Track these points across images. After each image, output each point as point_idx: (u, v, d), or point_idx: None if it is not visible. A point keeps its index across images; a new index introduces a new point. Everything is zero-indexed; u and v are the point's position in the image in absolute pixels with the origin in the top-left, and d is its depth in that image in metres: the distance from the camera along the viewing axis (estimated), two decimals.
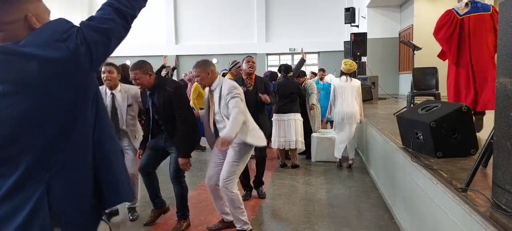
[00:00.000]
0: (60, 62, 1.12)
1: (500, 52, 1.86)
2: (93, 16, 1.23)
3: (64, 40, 1.13)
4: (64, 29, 1.15)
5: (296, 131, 5.61)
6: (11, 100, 1.09)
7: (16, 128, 1.11)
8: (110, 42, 1.21)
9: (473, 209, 1.93)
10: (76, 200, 1.21)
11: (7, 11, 1.12)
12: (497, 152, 1.90)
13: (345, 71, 5.59)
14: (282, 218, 3.87)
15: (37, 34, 1.14)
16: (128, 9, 1.25)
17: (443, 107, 3.03)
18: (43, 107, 1.13)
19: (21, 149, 1.13)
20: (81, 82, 1.18)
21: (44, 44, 1.12)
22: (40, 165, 1.15)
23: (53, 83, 1.12)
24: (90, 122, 1.22)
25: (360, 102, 5.64)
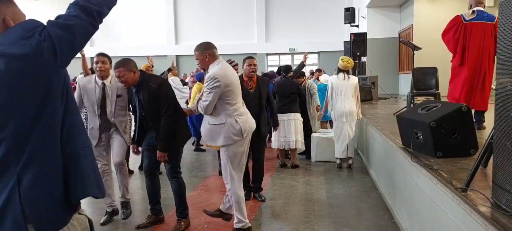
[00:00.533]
0: (24, 58, 1.17)
1: (500, 52, 1.86)
2: (60, 14, 1.28)
3: (28, 38, 1.18)
4: (30, 27, 1.21)
5: (296, 130, 5.61)
6: None
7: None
8: (75, 38, 1.25)
9: (473, 209, 1.93)
10: (45, 191, 1.23)
11: None
12: (497, 152, 1.90)
13: (342, 68, 5.57)
14: (282, 218, 3.87)
15: (7, 33, 1.20)
16: (94, 6, 1.29)
17: (443, 107, 3.03)
18: (10, 102, 1.17)
19: None
20: (46, 77, 1.22)
21: (12, 42, 1.17)
22: (11, 158, 1.19)
23: (19, 78, 1.17)
24: (57, 117, 1.25)
25: (358, 100, 5.62)
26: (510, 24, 1.75)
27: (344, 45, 11.90)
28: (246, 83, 4.23)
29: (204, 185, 5.08)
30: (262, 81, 4.36)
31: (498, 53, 1.88)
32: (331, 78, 5.82)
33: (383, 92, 10.13)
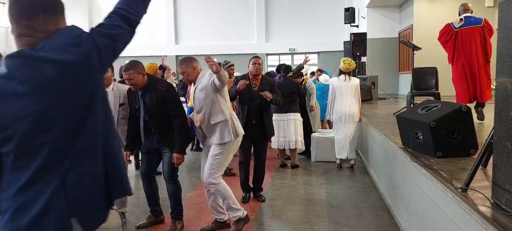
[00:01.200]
0: (74, 65, 1.24)
1: (500, 52, 1.86)
2: (102, 23, 1.35)
3: (77, 45, 1.24)
4: (77, 34, 1.27)
5: (296, 130, 5.60)
6: (29, 100, 1.20)
7: (35, 124, 1.22)
8: (117, 46, 1.34)
9: (473, 209, 1.93)
10: (88, 190, 1.31)
11: (46, 22, 1.26)
12: (497, 152, 1.90)
13: (344, 70, 5.58)
14: (282, 218, 3.87)
15: (52, 39, 1.25)
16: (133, 16, 1.38)
17: (443, 107, 3.03)
18: (58, 106, 1.23)
19: (39, 143, 1.23)
20: (92, 83, 1.29)
21: (59, 48, 1.23)
22: (56, 158, 1.25)
23: (67, 84, 1.23)
24: (99, 120, 1.32)
25: (359, 101, 5.63)
26: (510, 24, 1.76)
27: (344, 45, 11.89)
28: (251, 82, 4.24)
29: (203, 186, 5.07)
30: (266, 80, 4.36)
31: (498, 53, 1.88)
32: (332, 80, 5.83)
33: (383, 92, 10.13)
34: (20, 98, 1.21)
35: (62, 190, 1.25)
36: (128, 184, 1.46)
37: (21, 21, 1.26)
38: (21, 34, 1.27)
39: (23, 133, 1.22)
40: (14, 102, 1.20)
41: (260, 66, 4.28)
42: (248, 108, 4.18)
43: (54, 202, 1.24)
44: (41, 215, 1.23)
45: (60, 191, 1.25)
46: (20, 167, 1.24)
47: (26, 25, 1.25)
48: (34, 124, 1.22)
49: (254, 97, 4.18)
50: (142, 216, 3.86)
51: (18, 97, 1.21)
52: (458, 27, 5.11)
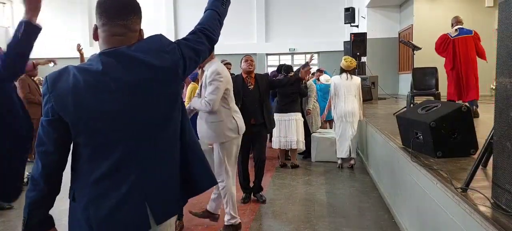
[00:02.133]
0: (165, 69, 1.35)
1: (500, 52, 1.85)
2: (188, 37, 1.50)
3: (168, 53, 1.37)
4: (167, 43, 1.40)
5: (297, 130, 5.60)
6: (119, 96, 1.29)
7: (119, 119, 1.31)
8: (199, 60, 1.49)
9: (473, 209, 1.93)
10: (166, 183, 1.41)
11: (136, 22, 1.39)
12: (497, 152, 1.89)
13: (345, 68, 5.57)
14: (282, 218, 3.87)
15: (145, 43, 1.38)
16: (212, 35, 1.54)
17: (443, 107, 3.03)
18: (144, 105, 1.33)
19: (120, 137, 1.32)
20: (176, 88, 1.43)
21: (153, 53, 1.34)
22: (134, 153, 1.34)
23: (156, 86, 1.34)
24: (178, 120, 1.44)
25: (360, 100, 5.63)
26: (510, 24, 1.75)
27: (344, 45, 11.89)
28: (245, 80, 4.23)
29: None
30: (260, 77, 4.34)
31: (498, 53, 1.88)
32: (334, 79, 5.80)
33: (383, 92, 10.13)
34: (111, 94, 1.29)
35: (141, 181, 1.34)
36: (208, 179, 1.56)
37: (116, 21, 1.34)
38: (115, 34, 1.35)
39: (108, 126, 1.30)
40: (104, 97, 1.29)
41: (252, 62, 4.25)
42: (245, 107, 4.08)
43: (133, 191, 1.33)
44: (121, 203, 1.31)
45: (140, 182, 1.34)
46: (98, 158, 1.32)
47: (121, 24, 1.35)
48: (119, 119, 1.30)
49: (250, 96, 4.15)
50: None
51: (109, 93, 1.29)
52: (454, 36, 5.94)
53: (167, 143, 1.40)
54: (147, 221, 1.35)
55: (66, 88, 1.29)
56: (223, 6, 1.66)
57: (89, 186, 1.32)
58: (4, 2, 16.81)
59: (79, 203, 1.34)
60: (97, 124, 1.30)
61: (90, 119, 1.29)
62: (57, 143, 1.33)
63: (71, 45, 10.82)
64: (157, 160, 1.38)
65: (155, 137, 1.36)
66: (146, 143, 1.35)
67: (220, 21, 1.62)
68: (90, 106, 1.28)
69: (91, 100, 1.28)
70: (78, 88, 1.28)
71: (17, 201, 4.44)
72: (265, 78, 4.38)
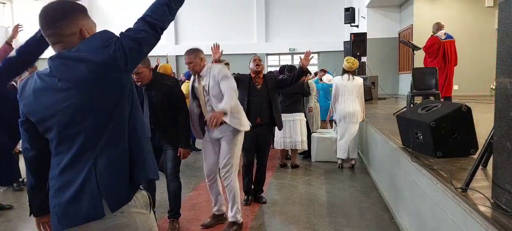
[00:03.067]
0: (104, 64, 1.41)
1: (500, 52, 1.85)
2: (130, 28, 1.52)
3: (106, 47, 1.42)
4: (107, 38, 1.45)
5: (301, 131, 5.59)
6: (67, 94, 1.41)
7: (72, 115, 1.43)
8: (142, 48, 1.50)
9: (473, 209, 1.93)
10: (115, 173, 1.49)
11: (68, 26, 1.44)
12: (497, 152, 1.89)
13: (347, 69, 5.57)
14: (282, 218, 3.87)
15: (86, 42, 1.45)
16: (158, 22, 1.54)
17: (443, 107, 3.03)
18: (91, 100, 1.42)
19: (76, 132, 1.45)
20: (119, 80, 1.47)
21: (92, 50, 1.42)
22: (89, 144, 1.46)
23: (98, 80, 1.41)
24: (126, 112, 1.51)
25: (362, 101, 5.63)
26: (510, 24, 1.75)
27: (344, 45, 11.89)
28: (253, 79, 4.20)
29: (202, 186, 5.07)
30: (268, 77, 4.32)
31: (498, 53, 1.88)
32: (336, 79, 5.80)
33: (383, 92, 10.14)
34: (60, 93, 1.42)
35: (93, 171, 1.46)
36: (152, 169, 1.61)
37: (48, 32, 1.45)
38: (54, 43, 1.47)
39: (63, 122, 1.44)
40: (56, 96, 1.43)
41: (260, 62, 4.23)
42: (251, 106, 4.08)
43: (88, 182, 1.46)
44: (78, 193, 1.46)
45: (92, 173, 1.46)
46: (61, 152, 1.48)
47: (53, 33, 1.44)
48: (71, 115, 1.43)
49: (258, 95, 4.12)
50: None
51: (59, 92, 1.42)
52: (444, 39, 6.86)
53: (116, 132, 1.48)
54: (101, 209, 1.46)
55: (29, 92, 1.48)
56: None
57: (56, 177, 1.49)
58: (4, 2, 16.82)
59: (50, 192, 1.52)
60: (54, 120, 1.44)
61: (47, 117, 1.45)
62: (31, 140, 1.56)
63: None
64: (109, 150, 1.48)
65: (105, 128, 1.46)
66: (99, 135, 1.46)
67: (169, 6, 1.60)
68: (46, 105, 1.44)
69: (46, 100, 1.44)
70: (36, 90, 1.46)
71: (17, 201, 4.44)
72: (273, 78, 4.35)
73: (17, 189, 4.97)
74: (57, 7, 1.46)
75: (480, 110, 5.77)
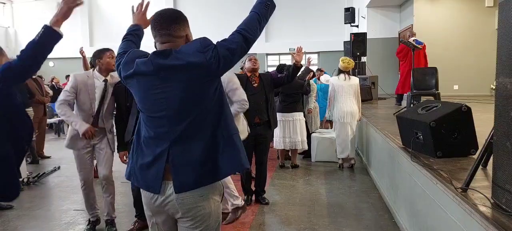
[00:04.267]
0: (199, 66, 1.60)
1: (500, 52, 1.85)
2: (226, 38, 1.71)
3: (204, 52, 1.60)
4: (206, 44, 1.63)
5: (301, 131, 5.58)
6: (166, 86, 1.62)
7: (161, 101, 1.64)
8: (233, 58, 1.68)
9: (473, 209, 1.93)
10: (187, 160, 1.65)
11: (180, 29, 1.70)
12: (497, 152, 1.89)
13: (343, 69, 5.57)
14: (282, 218, 3.87)
15: (188, 45, 1.66)
16: (250, 36, 1.72)
17: (443, 107, 3.03)
18: (182, 92, 1.62)
19: (162, 116, 1.66)
20: (209, 80, 1.64)
21: (191, 53, 1.61)
22: (170, 129, 1.65)
23: (192, 78, 1.61)
24: (211, 110, 1.67)
25: (359, 101, 5.63)
26: (510, 24, 1.75)
27: (344, 45, 11.89)
28: (250, 78, 4.18)
29: None
30: (264, 76, 4.30)
31: (498, 53, 1.88)
32: (332, 79, 5.80)
33: (383, 92, 10.13)
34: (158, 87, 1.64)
35: (166, 154, 1.66)
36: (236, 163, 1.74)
37: (161, 31, 1.67)
38: (163, 42, 1.68)
39: (152, 105, 1.67)
40: (155, 88, 1.64)
41: (256, 61, 4.21)
42: (250, 106, 3.97)
43: (159, 160, 1.67)
44: (148, 165, 1.70)
45: (165, 154, 1.66)
46: (149, 126, 1.71)
47: (166, 33, 1.67)
48: (160, 101, 1.64)
49: (255, 93, 4.09)
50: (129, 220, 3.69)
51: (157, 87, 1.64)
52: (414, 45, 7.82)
53: (197, 125, 1.66)
54: (158, 187, 1.71)
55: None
56: (265, 8, 1.86)
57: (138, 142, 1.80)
58: (4, 2, 16.81)
59: (131, 150, 1.83)
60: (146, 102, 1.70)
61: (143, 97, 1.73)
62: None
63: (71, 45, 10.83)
64: (186, 139, 1.66)
65: (186, 119, 1.65)
66: (178, 123, 1.65)
67: (260, 22, 1.80)
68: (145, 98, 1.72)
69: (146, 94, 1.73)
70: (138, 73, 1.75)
71: (17, 201, 4.43)
72: (268, 76, 4.34)
73: None
74: (173, 12, 1.74)
75: (480, 110, 5.76)
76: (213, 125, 1.68)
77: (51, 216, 4.10)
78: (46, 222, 3.93)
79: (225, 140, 1.70)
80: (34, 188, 5.20)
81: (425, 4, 10.56)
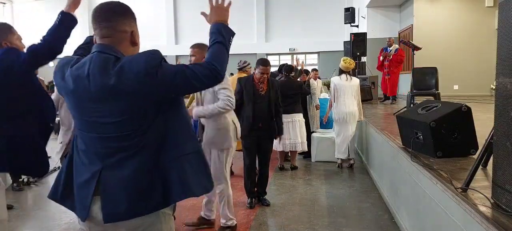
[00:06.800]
0: (140, 91, 1.38)
1: (500, 52, 1.85)
2: (193, 68, 1.47)
3: (149, 74, 1.36)
4: (152, 65, 1.38)
5: (301, 132, 5.57)
6: (102, 108, 1.42)
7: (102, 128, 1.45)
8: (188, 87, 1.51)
9: (473, 209, 1.93)
10: (120, 185, 1.43)
11: (124, 23, 1.50)
12: (497, 152, 1.89)
13: (344, 69, 5.57)
14: (282, 218, 3.87)
15: (132, 62, 1.39)
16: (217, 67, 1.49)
17: (443, 107, 3.03)
18: (123, 117, 1.42)
19: (94, 137, 1.47)
20: (153, 102, 1.43)
21: (134, 74, 1.37)
22: (102, 152, 1.45)
23: (132, 102, 1.41)
24: (155, 129, 1.44)
25: (359, 101, 5.63)
26: (510, 24, 1.75)
27: (344, 45, 11.88)
28: (257, 85, 4.09)
29: None
30: (272, 83, 4.21)
31: (498, 53, 1.88)
32: (334, 79, 5.79)
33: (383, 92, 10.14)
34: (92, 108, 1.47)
35: (98, 176, 1.45)
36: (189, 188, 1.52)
37: (102, 23, 1.48)
38: (103, 36, 1.49)
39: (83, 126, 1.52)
40: (89, 109, 1.46)
41: (267, 76, 4.10)
42: (255, 112, 4.01)
43: (90, 182, 1.46)
44: (81, 185, 1.50)
45: (96, 176, 1.45)
46: (82, 141, 1.53)
47: (107, 26, 1.48)
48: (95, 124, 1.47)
49: (261, 101, 4.05)
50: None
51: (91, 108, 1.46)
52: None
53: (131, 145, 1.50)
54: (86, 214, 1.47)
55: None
56: (228, 42, 1.66)
57: (78, 148, 1.56)
58: (4, 2, 16.82)
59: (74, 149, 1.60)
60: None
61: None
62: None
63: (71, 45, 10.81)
64: (119, 161, 1.47)
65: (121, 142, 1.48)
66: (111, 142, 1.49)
67: (227, 49, 1.63)
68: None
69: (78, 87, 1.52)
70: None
71: (17, 201, 4.43)
72: (275, 86, 4.25)
73: (17, 189, 4.97)
74: (118, 5, 1.51)
75: (480, 110, 5.77)
76: (157, 145, 1.45)
77: (51, 216, 4.10)
78: (46, 222, 3.94)
79: (172, 163, 1.46)
80: (34, 188, 5.21)
81: (425, 4, 10.57)
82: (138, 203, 1.42)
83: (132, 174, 1.42)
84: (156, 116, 1.43)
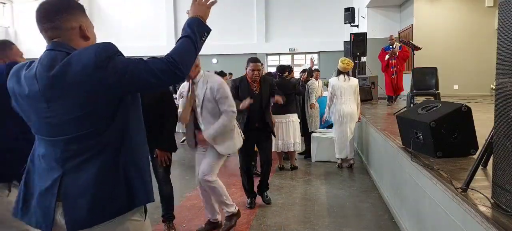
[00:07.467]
0: (90, 84, 1.32)
1: (500, 52, 1.85)
2: (150, 62, 1.40)
3: (99, 68, 1.30)
4: (103, 57, 1.31)
5: (295, 133, 5.55)
6: (53, 108, 1.36)
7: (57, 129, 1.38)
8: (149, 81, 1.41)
9: (473, 209, 1.93)
10: (82, 191, 1.35)
11: (69, 19, 1.40)
12: (497, 152, 1.89)
13: (342, 70, 5.57)
14: (282, 218, 3.87)
15: (80, 55, 1.33)
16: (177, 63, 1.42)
17: (443, 107, 3.03)
18: (76, 114, 1.35)
19: (50, 141, 1.41)
20: (106, 100, 1.36)
21: (82, 67, 1.31)
22: (60, 158, 1.38)
23: (84, 100, 1.34)
24: (112, 131, 1.38)
25: (358, 101, 5.63)
26: (510, 24, 1.75)
27: (344, 45, 11.89)
28: (251, 84, 4.10)
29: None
30: (264, 81, 4.23)
31: (498, 53, 1.88)
32: (332, 80, 5.80)
33: (383, 92, 10.13)
34: (43, 109, 1.40)
35: (58, 182, 1.40)
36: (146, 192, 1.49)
37: (46, 25, 1.41)
38: (51, 37, 1.42)
39: (38, 130, 1.45)
40: (41, 110, 1.39)
41: (259, 72, 4.09)
42: (250, 112, 4.02)
43: (51, 189, 1.41)
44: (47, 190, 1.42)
45: (57, 183, 1.40)
46: (41, 146, 1.47)
47: (52, 27, 1.41)
48: (49, 126, 1.41)
49: (255, 99, 4.04)
50: None
51: (43, 109, 1.41)
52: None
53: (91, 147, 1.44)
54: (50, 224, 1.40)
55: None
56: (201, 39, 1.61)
57: (36, 158, 1.48)
58: (4, 2, 16.81)
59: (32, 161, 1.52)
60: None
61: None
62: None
63: None
64: (79, 164, 1.43)
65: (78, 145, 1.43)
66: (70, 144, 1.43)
67: (196, 46, 1.56)
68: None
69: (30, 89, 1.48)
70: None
71: None
72: (269, 81, 4.28)
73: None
74: (55, 1, 1.40)
75: (480, 110, 5.77)
76: (118, 146, 1.38)
77: None
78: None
79: (131, 167, 1.41)
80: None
81: (425, 4, 10.57)
82: (101, 208, 1.35)
83: (93, 177, 1.34)
84: (115, 114, 1.36)
